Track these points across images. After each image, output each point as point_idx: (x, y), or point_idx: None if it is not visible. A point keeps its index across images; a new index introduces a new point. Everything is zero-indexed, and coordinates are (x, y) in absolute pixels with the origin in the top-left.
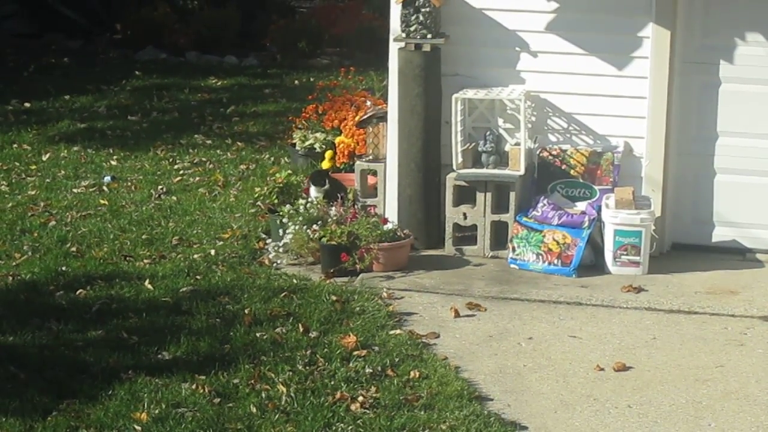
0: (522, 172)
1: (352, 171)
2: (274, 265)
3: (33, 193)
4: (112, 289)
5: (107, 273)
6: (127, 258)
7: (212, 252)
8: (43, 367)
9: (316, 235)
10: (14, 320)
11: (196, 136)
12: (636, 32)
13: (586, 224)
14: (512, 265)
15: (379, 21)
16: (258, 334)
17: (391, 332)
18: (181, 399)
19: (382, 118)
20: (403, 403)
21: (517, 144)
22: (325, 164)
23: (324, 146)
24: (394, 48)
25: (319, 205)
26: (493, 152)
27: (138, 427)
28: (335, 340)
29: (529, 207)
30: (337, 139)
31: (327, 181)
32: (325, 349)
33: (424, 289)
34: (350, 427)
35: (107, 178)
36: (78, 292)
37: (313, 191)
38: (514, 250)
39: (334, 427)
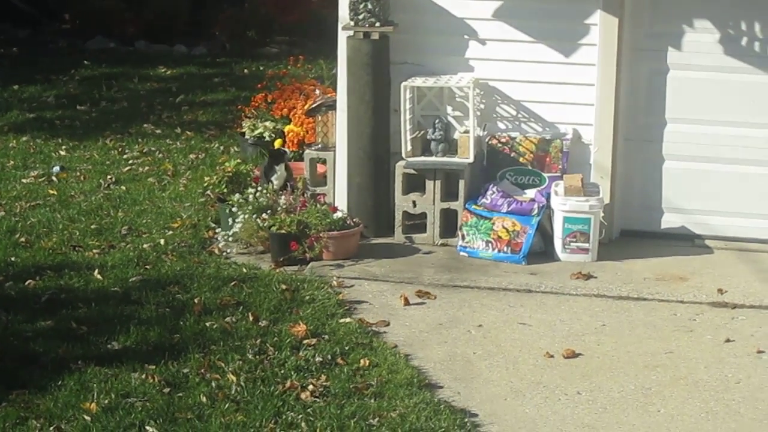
0: (471, 159)
1: (302, 160)
2: (224, 254)
3: None
4: (62, 279)
5: (56, 263)
6: (77, 248)
7: (162, 241)
8: None
9: (265, 224)
10: None
11: (145, 125)
12: (584, 19)
13: (536, 211)
14: (462, 253)
15: (328, 9)
16: (208, 324)
17: (341, 321)
18: (131, 389)
19: (332, 106)
20: (353, 392)
21: (466, 132)
22: None
23: (273, 135)
24: (342, 36)
25: (268, 194)
26: (442, 140)
27: (87, 417)
28: (285, 328)
29: (479, 195)
30: (287, 128)
31: (283, 152)
32: (275, 338)
33: (374, 277)
34: (300, 416)
35: (56, 168)
36: (27, 283)
37: (278, 170)
38: (463, 237)
39: (284, 416)
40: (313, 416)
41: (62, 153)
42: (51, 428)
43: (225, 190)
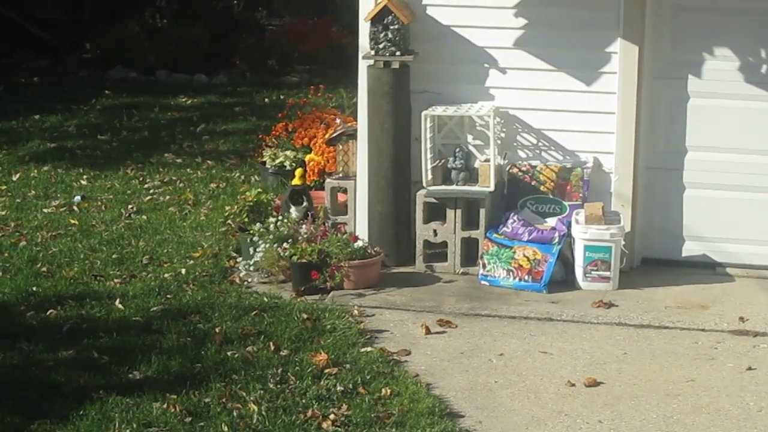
0: (492, 188)
1: (322, 189)
2: (245, 283)
3: (3, 213)
4: (83, 309)
5: (78, 293)
6: (98, 277)
7: (183, 271)
8: (13, 388)
9: (286, 253)
10: None
11: (166, 154)
12: (604, 48)
13: (556, 240)
14: (483, 282)
15: (349, 38)
16: (229, 353)
17: (363, 350)
18: (153, 418)
19: (352, 135)
20: (375, 421)
21: (487, 160)
22: (296, 182)
23: (294, 164)
24: (363, 65)
25: (289, 223)
26: (463, 169)
27: None
28: (306, 358)
29: (500, 223)
30: (307, 157)
31: (305, 198)
32: (297, 367)
33: (395, 306)
34: None
35: (77, 198)
36: (48, 312)
37: (294, 210)
38: (484, 266)
39: None
40: None
41: (83, 182)
42: None
43: (246, 220)
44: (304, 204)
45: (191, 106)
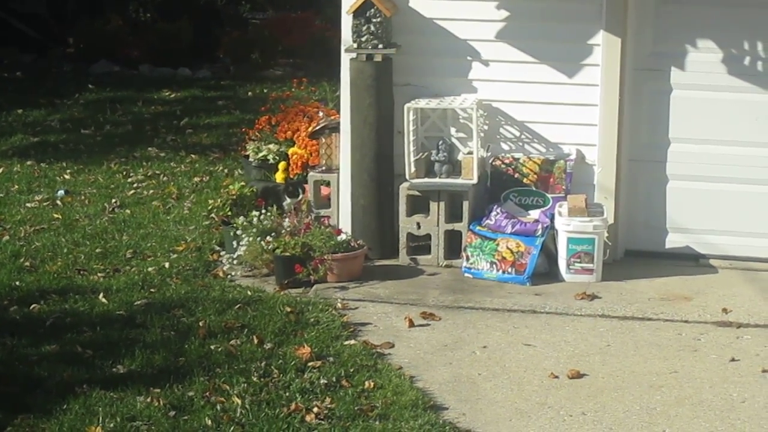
0: (475, 180)
1: (306, 182)
2: (229, 277)
3: None
4: (66, 303)
5: (61, 287)
6: (81, 272)
7: (166, 265)
8: None
9: (269, 247)
10: None
11: (149, 148)
12: (587, 40)
13: (540, 232)
14: (466, 274)
15: (332, 32)
16: (212, 347)
17: (346, 343)
18: (136, 412)
19: (335, 128)
20: (358, 414)
21: (470, 153)
22: (279, 176)
23: (277, 157)
24: (345, 58)
25: (272, 216)
26: (446, 161)
27: None
28: (290, 351)
29: (483, 216)
30: (291, 150)
31: (300, 190)
32: (280, 361)
33: (379, 299)
34: None
35: (61, 192)
36: (32, 307)
37: (288, 203)
38: (468, 259)
39: None
40: None
41: (67, 177)
42: None
43: (229, 213)
44: (300, 197)
45: (175, 99)
